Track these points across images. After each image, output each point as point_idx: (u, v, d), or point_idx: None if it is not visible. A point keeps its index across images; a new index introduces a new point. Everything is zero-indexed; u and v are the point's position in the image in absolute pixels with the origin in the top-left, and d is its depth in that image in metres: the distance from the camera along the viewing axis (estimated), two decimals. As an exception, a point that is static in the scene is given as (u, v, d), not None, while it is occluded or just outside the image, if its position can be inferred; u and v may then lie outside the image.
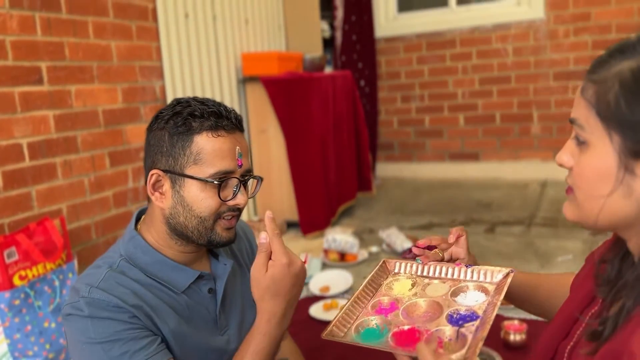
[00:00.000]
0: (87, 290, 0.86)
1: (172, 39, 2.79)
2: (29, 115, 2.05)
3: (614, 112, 0.60)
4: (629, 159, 0.60)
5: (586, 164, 0.63)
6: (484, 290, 0.85)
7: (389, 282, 0.92)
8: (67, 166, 2.22)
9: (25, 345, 1.78)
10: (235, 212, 0.95)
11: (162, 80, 2.74)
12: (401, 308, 0.84)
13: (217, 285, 1.01)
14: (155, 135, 0.93)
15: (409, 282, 0.91)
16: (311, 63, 3.49)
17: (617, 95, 0.59)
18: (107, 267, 0.91)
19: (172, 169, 0.91)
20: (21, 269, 1.77)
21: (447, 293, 0.86)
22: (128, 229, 0.98)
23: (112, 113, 2.44)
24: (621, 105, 0.59)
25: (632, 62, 0.60)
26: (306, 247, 2.99)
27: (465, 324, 0.77)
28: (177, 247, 0.96)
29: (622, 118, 0.59)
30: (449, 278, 0.90)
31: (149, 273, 0.93)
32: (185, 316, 0.95)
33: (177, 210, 0.92)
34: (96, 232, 2.37)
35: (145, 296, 0.90)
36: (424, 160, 4.63)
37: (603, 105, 0.61)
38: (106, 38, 2.40)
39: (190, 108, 0.91)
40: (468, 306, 0.81)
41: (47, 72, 2.12)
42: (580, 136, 0.64)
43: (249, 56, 3.31)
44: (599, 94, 0.61)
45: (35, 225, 1.87)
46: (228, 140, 0.91)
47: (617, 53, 0.62)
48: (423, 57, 4.45)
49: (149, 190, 0.93)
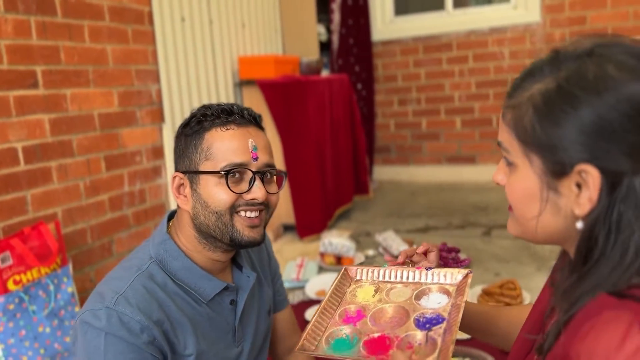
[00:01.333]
0: (113, 299, 0.85)
1: (168, 42, 2.79)
2: (24, 119, 2.04)
3: (531, 136, 0.62)
4: (550, 178, 0.62)
5: (514, 185, 0.66)
6: (446, 292, 0.87)
7: (352, 290, 0.92)
8: (63, 170, 2.21)
9: (19, 350, 1.77)
10: (255, 206, 0.93)
11: (158, 84, 2.74)
12: (368, 315, 0.85)
13: (239, 297, 1.01)
14: (177, 141, 0.96)
15: (372, 288, 0.92)
16: (308, 66, 3.49)
17: (531, 120, 0.61)
18: (136, 270, 0.90)
19: (189, 169, 0.92)
20: (15, 273, 1.76)
21: (410, 297, 0.87)
22: (159, 231, 0.97)
23: (108, 117, 2.44)
24: (536, 129, 0.61)
25: (541, 84, 0.62)
26: (303, 251, 2.98)
27: (433, 327, 0.79)
28: (206, 252, 0.95)
29: (538, 141, 0.61)
30: (411, 282, 0.92)
31: (177, 279, 0.93)
32: (204, 329, 0.94)
33: (197, 210, 0.92)
34: (92, 236, 2.36)
35: (169, 309, 0.89)
36: (421, 163, 4.63)
37: (521, 129, 0.63)
38: (102, 42, 2.40)
39: (203, 109, 0.93)
40: (433, 309, 0.83)
41: (42, 76, 2.11)
42: (507, 158, 0.66)
43: (245, 60, 3.31)
44: (516, 118, 0.63)
45: (29, 230, 1.87)
46: (238, 133, 0.91)
47: (529, 76, 0.64)
48: (420, 60, 4.46)
49: (174, 194, 0.94)
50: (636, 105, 0.56)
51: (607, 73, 0.58)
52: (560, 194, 0.61)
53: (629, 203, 0.57)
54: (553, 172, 0.61)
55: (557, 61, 0.62)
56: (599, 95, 0.57)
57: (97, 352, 0.83)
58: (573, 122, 0.58)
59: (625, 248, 0.57)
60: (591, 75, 0.59)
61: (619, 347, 0.52)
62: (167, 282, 0.92)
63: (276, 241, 3.20)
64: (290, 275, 2.55)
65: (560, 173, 0.60)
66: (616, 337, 0.53)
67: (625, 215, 0.57)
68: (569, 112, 0.58)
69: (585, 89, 0.58)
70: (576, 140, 0.58)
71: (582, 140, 0.58)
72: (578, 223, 0.61)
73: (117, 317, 0.84)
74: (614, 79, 0.58)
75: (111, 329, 0.83)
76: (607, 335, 0.53)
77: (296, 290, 2.44)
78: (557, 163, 0.60)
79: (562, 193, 0.61)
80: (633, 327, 0.53)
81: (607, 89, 0.57)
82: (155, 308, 0.87)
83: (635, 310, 0.54)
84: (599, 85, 0.58)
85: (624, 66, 0.58)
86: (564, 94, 0.59)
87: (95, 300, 0.87)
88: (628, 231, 0.57)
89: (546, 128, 0.60)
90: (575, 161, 0.59)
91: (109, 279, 0.92)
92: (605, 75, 0.58)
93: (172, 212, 1.02)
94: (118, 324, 0.83)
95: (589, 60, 0.60)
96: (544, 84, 0.61)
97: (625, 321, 0.54)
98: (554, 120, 0.59)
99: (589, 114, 0.57)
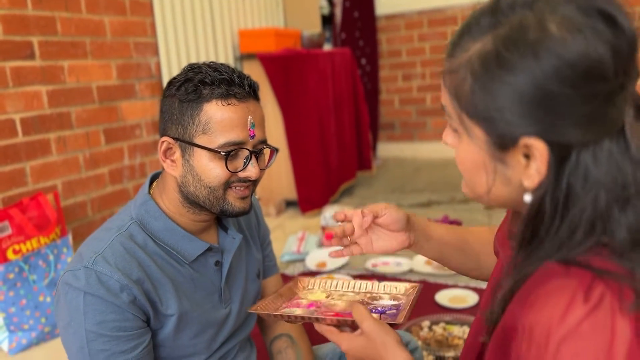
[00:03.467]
0: (91, 259, 0.84)
1: (167, 14, 2.75)
2: (21, 90, 2.03)
3: (471, 106, 0.55)
4: (495, 150, 0.56)
5: (461, 154, 0.60)
6: (396, 299, 0.88)
7: (304, 293, 0.93)
8: (61, 142, 2.21)
9: (20, 318, 1.79)
10: (247, 182, 0.92)
11: (157, 56, 2.72)
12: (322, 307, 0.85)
13: (224, 259, 1.00)
14: (167, 102, 0.91)
15: (324, 295, 0.92)
16: (309, 40, 3.45)
17: (470, 88, 0.54)
18: (116, 230, 0.89)
19: (182, 137, 0.89)
20: (15, 243, 1.77)
21: (363, 299, 0.89)
22: (141, 192, 0.96)
23: (106, 89, 2.42)
24: (476, 99, 0.54)
25: (479, 44, 0.54)
26: (304, 225, 2.98)
27: (387, 311, 0.81)
28: (190, 215, 0.94)
29: (479, 112, 0.55)
30: (362, 291, 0.92)
31: (158, 239, 0.92)
32: (187, 290, 0.93)
33: (188, 180, 0.90)
34: (92, 209, 2.37)
35: (149, 268, 0.88)
36: (425, 139, 4.60)
37: (461, 97, 0.56)
38: (99, 13, 2.37)
39: (201, 74, 0.88)
40: (383, 305, 0.85)
41: (38, 47, 2.10)
42: (451, 125, 0.60)
43: (246, 33, 3.27)
44: (456, 85, 0.56)
45: (28, 200, 1.87)
46: (239, 109, 0.88)
47: (466, 32, 0.55)
48: (424, 34, 4.39)
49: (161, 157, 0.91)
50: (580, 71, 0.49)
51: (548, 31, 0.50)
52: (508, 165, 0.56)
53: (577, 177, 0.52)
54: (497, 144, 0.55)
55: (497, 12, 0.53)
56: (537, 60, 0.50)
57: (78, 312, 0.82)
58: (512, 92, 0.51)
59: (574, 226, 0.53)
60: (530, 35, 0.51)
61: (561, 320, 0.49)
62: (148, 242, 0.91)
63: (278, 216, 3.20)
64: (291, 248, 2.56)
65: (504, 145, 0.55)
66: (559, 308, 0.49)
67: (573, 189, 0.52)
68: (506, 80, 0.51)
69: (523, 52, 0.50)
70: (517, 112, 0.52)
71: (523, 112, 0.52)
72: (526, 196, 0.56)
73: (96, 276, 0.83)
74: (555, 39, 0.50)
75: (90, 289, 0.82)
76: (549, 306, 0.50)
77: (297, 263, 2.45)
78: (499, 136, 0.54)
79: (509, 164, 0.56)
80: (577, 298, 0.49)
81: (547, 51, 0.50)
82: (135, 267, 0.86)
83: (581, 278, 0.51)
84: (537, 47, 0.50)
85: (570, 22, 0.50)
86: (500, 59, 0.52)
87: (75, 261, 0.86)
88: (578, 207, 0.52)
89: (485, 98, 0.53)
90: (518, 134, 0.53)
91: (89, 240, 0.91)
92: (545, 35, 0.50)
93: (156, 173, 1.01)
94: (97, 283, 0.82)
95: (530, 13, 0.51)
96: (482, 44, 0.53)
97: (569, 291, 0.50)
98: (492, 90, 0.53)
99: (527, 82, 0.51)
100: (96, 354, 0.83)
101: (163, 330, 0.91)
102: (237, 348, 1.07)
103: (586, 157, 0.52)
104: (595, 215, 0.53)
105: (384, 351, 0.70)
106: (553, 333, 0.49)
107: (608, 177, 0.52)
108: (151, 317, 0.88)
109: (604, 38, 0.50)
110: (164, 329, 0.91)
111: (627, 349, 0.48)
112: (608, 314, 0.49)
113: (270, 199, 3.21)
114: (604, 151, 0.52)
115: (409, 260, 2.31)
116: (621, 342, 0.48)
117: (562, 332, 0.48)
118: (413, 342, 1.23)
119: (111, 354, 0.83)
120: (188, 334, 0.94)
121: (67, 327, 0.84)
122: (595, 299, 0.49)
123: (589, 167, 0.52)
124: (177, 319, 0.91)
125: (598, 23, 0.50)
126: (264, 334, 1.18)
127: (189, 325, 0.94)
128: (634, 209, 0.52)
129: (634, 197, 0.52)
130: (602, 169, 0.52)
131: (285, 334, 1.15)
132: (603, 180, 0.52)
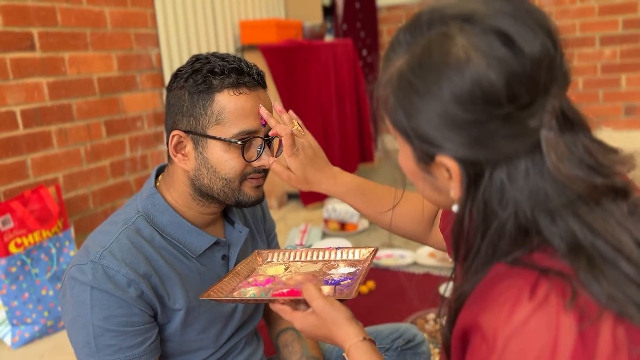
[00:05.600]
0: (98, 253, 0.83)
1: (167, 5, 2.73)
2: (21, 82, 2.01)
3: (395, 120, 0.56)
4: (420, 162, 0.58)
5: (400, 160, 0.62)
6: (353, 265, 0.90)
7: (263, 268, 0.94)
8: (63, 134, 2.19)
9: (23, 312, 1.78)
10: (261, 172, 0.92)
11: (158, 48, 2.69)
12: (278, 281, 0.86)
13: (231, 252, 0.99)
14: (175, 94, 0.89)
15: (282, 267, 0.93)
16: (311, 31, 3.42)
17: (394, 104, 0.56)
18: (122, 224, 0.88)
19: (194, 130, 0.87)
20: (17, 236, 1.76)
21: (320, 269, 0.90)
22: (147, 185, 0.95)
23: (107, 81, 2.40)
24: (398, 115, 0.55)
25: (398, 61, 0.55)
26: (307, 218, 2.97)
27: (342, 282, 0.82)
28: (199, 207, 0.93)
29: (400, 127, 0.56)
30: (320, 260, 0.94)
31: (165, 233, 0.90)
32: (194, 284, 0.92)
33: (201, 172, 0.89)
34: (94, 202, 2.36)
35: (157, 263, 0.88)
36: (427, 131, 4.58)
37: (388, 112, 0.57)
38: (99, 4, 2.35)
39: (209, 65, 0.86)
40: (340, 274, 0.86)
41: (38, 38, 2.07)
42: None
43: (247, 24, 3.24)
44: (384, 99, 0.57)
45: (30, 193, 1.86)
46: (251, 97, 0.87)
47: (391, 49, 0.57)
48: (426, 25, 4.36)
49: (171, 152, 0.89)
50: (475, 96, 0.50)
51: (448, 58, 0.50)
52: (434, 176, 0.58)
53: (493, 194, 0.53)
54: (420, 158, 0.57)
55: (415, 30, 0.54)
56: (439, 87, 0.51)
57: (84, 307, 0.81)
58: (422, 115, 0.53)
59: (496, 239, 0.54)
60: (434, 59, 0.51)
61: (507, 318, 0.50)
62: (155, 237, 0.90)
63: (280, 209, 3.19)
64: (293, 240, 2.55)
65: (426, 160, 0.57)
66: (506, 308, 0.50)
67: (490, 205, 0.54)
68: (416, 104, 0.53)
69: (427, 78, 0.52)
70: (429, 133, 0.53)
71: (434, 132, 0.53)
72: (454, 206, 0.58)
73: (103, 271, 0.82)
74: (452, 66, 0.50)
75: (97, 283, 0.81)
76: (497, 306, 0.51)
77: (299, 255, 2.44)
78: (419, 151, 0.56)
79: (435, 176, 0.58)
80: (522, 296, 0.50)
81: (445, 78, 0.50)
82: (142, 262, 0.85)
83: (527, 277, 0.51)
84: (438, 73, 0.51)
85: (471, 45, 0.50)
86: (410, 82, 0.53)
87: (81, 255, 0.85)
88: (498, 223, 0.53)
89: (403, 116, 0.55)
90: (433, 152, 0.55)
91: (95, 233, 0.90)
92: (445, 61, 0.51)
93: (161, 166, 0.99)
94: (104, 278, 0.81)
95: (438, 35, 0.52)
96: (400, 62, 0.54)
97: (515, 290, 0.51)
98: (407, 109, 0.54)
99: (434, 107, 0.52)
100: (103, 349, 0.82)
101: (170, 325, 0.90)
102: (244, 342, 1.06)
103: (500, 175, 0.53)
104: (519, 228, 0.53)
105: (336, 329, 0.71)
106: (500, 331, 0.50)
107: (525, 194, 0.52)
108: (158, 312, 0.87)
109: (500, 62, 0.49)
110: (171, 323, 0.90)
111: (573, 346, 0.48)
112: (553, 311, 0.49)
113: (272, 191, 3.20)
114: (519, 169, 0.52)
115: (412, 253, 2.31)
116: (566, 339, 0.48)
117: (508, 330, 0.49)
118: (419, 335, 1.22)
119: (118, 349, 0.83)
120: (195, 329, 0.93)
121: (73, 321, 0.84)
122: (540, 296, 0.50)
123: (504, 184, 0.53)
124: (185, 313, 0.90)
125: (496, 46, 0.50)
126: (269, 327, 1.18)
127: (196, 319, 0.93)
128: (562, 219, 0.52)
129: (560, 208, 0.52)
130: (518, 186, 0.52)
131: (292, 328, 1.14)
132: (520, 197, 0.52)
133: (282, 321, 1.15)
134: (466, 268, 0.58)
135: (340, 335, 0.71)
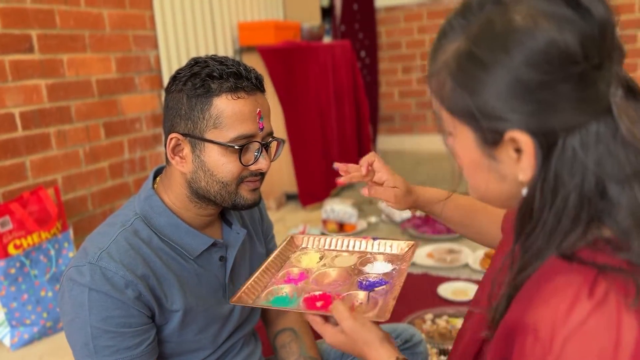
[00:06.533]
0: (96, 255, 0.84)
1: (166, 7, 2.73)
2: (20, 84, 2.02)
3: (455, 106, 0.56)
4: (485, 147, 0.56)
5: (459, 155, 0.60)
6: (390, 261, 0.87)
7: (297, 256, 0.93)
8: (61, 136, 2.20)
9: (22, 313, 1.79)
10: (258, 176, 0.93)
11: (156, 50, 2.70)
12: (311, 277, 0.85)
13: (229, 254, 0.99)
14: (174, 97, 0.89)
15: (317, 256, 0.92)
16: (309, 32, 3.43)
17: (452, 88, 0.55)
18: (120, 226, 0.89)
19: (192, 133, 0.88)
20: (16, 238, 1.77)
21: (355, 263, 0.88)
22: (144, 187, 0.95)
23: (106, 83, 2.41)
24: (457, 99, 0.55)
25: (454, 44, 0.55)
26: (305, 219, 2.98)
27: (376, 288, 0.80)
28: (196, 209, 0.94)
29: (462, 111, 0.55)
30: (357, 250, 0.92)
31: (163, 235, 0.91)
32: (192, 285, 0.93)
33: (199, 175, 0.89)
34: (93, 203, 2.36)
35: (154, 264, 0.88)
36: (425, 132, 4.58)
37: (445, 99, 0.57)
38: (98, 6, 2.35)
39: (208, 68, 0.87)
40: (376, 274, 0.84)
41: (37, 40, 2.08)
42: (444, 128, 0.61)
43: (245, 25, 3.25)
44: (439, 87, 0.57)
45: (29, 195, 1.86)
46: (249, 102, 0.87)
47: (442, 35, 0.57)
48: (424, 26, 4.37)
49: (169, 154, 0.90)
50: (551, 56, 0.49)
51: (513, 24, 0.51)
52: (500, 161, 0.56)
53: (564, 163, 0.52)
54: (485, 140, 0.55)
55: (467, 12, 0.55)
56: (507, 53, 0.51)
57: (82, 308, 0.82)
58: (489, 88, 0.52)
59: (560, 213, 0.52)
60: (498, 29, 0.52)
61: (566, 317, 0.48)
62: (153, 238, 0.90)
63: (279, 210, 3.19)
64: (292, 241, 2.55)
65: (492, 142, 0.55)
66: (563, 305, 0.49)
67: (561, 176, 0.52)
68: (482, 78, 0.52)
69: (493, 47, 0.51)
70: (497, 107, 0.52)
71: (502, 106, 0.52)
72: (523, 190, 0.56)
73: (101, 272, 0.82)
74: (520, 30, 0.50)
75: (95, 285, 0.82)
76: (554, 303, 0.50)
77: (298, 256, 2.44)
78: (485, 132, 0.55)
79: (501, 160, 0.56)
80: (581, 294, 0.49)
81: (514, 43, 0.50)
82: (140, 263, 0.86)
83: (585, 274, 0.50)
84: (505, 40, 0.51)
85: (534, 12, 0.51)
86: (473, 57, 0.53)
87: (79, 257, 0.86)
88: (563, 194, 0.52)
89: (465, 97, 0.54)
90: (502, 129, 0.53)
91: (93, 235, 0.91)
92: (511, 27, 0.51)
93: (159, 168, 1.00)
94: (102, 279, 0.82)
95: (495, 9, 0.52)
96: (457, 44, 0.54)
97: (573, 288, 0.49)
98: (470, 88, 0.53)
99: (502, 76, 0.51)
100: (101, 350, 0.83)
101: (168, 326, 0.91)
102: (242, 342, 1.06)
103: (573, 142, 0.51)
104: (581, 201, 0.52)
105: (367, 349, 0.71)
106: (558, 330, 0.48)
107: (596, 161, 0.51)
108: (156, 313, 0.88)
109: (569, 23, 0.50)
110: (169, 324, 0.91)
111: (634, 346, 0.47)
112: (613, 310, 0.48)
113: (271, 192, 3.20)
114: (591, 134, 0.51)
115: (410, 254, 2.31)
116: (628, 339, 0.47)
117: (567, 330, 0.48)
118: (417, 335, 1.22)
119: (116, 350, 0.83)
120: (193, 330, 0.94)
121: (72, 322, 0.84)
122: (599, 295, 0.48)
123: (576, 151, 0.51)
124: (182, 314, 0.91)
125: (562, 9, 0.50)
126: (267, 328, 1.18)
127: (193, 320, 0.93)
128: (632, 190, 0.51)
129: (631, 177, 0.51)
130: (591, 153, 0.51)
131: (289, 328, 1.14)
132: (589, 164, 0.51)
133: (280, 321, 1.15)
134: (526, 248, 0.56)
135: (373, 357, 0.71)
